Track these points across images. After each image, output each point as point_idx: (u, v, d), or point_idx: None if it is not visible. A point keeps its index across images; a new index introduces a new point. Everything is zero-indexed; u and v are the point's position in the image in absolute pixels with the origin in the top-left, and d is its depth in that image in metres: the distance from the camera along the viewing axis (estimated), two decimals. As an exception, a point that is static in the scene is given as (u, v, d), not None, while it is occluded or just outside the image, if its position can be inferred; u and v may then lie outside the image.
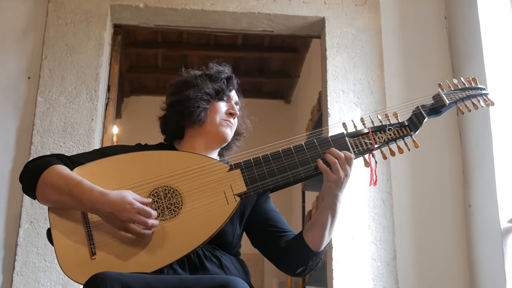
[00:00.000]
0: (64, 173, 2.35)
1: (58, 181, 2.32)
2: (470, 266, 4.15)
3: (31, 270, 3.83)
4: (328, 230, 2.44)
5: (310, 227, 2.46)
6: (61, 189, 2.30)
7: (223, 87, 2.65)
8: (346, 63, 4.49)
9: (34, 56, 4.30)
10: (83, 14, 4.41)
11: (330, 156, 2.37)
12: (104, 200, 2.26)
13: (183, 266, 2.34)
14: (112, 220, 2.27)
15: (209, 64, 2.74)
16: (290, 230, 2.56)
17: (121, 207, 2.24)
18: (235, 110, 2.65)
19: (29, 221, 3.91)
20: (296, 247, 2.47)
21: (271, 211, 2.62)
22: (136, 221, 2.25)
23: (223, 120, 2.61)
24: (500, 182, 3.89)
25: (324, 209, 2.43)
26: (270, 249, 2.55)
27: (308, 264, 2.47)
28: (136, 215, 2.25)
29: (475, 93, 2.62)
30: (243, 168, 2.41)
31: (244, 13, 4.57)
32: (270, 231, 2.55)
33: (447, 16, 4.69)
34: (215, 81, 2.65)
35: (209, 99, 2.60)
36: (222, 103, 2.64)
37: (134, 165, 2.42)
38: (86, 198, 2.27)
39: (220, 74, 2.67)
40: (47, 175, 2.35)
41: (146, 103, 8.98)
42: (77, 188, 2.29)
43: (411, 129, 2.49)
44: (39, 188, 2.35)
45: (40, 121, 4.11)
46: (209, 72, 2.69)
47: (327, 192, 2.41)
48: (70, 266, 2.28)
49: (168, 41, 7.95)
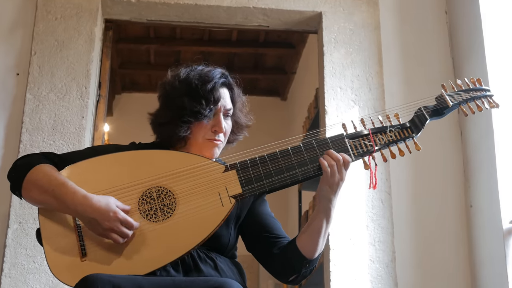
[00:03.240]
0: (50, 173, 2.34)
1: (42, 180, 2.32)
2: (471, 267, 4.16)
3: (20, 272, 3.82)
4: (322, 236, 2.43)
5: (303, 233, 2.46)
6: (45, 188, 2.30)
7: (203, 107, 2.46)
8: (343, 59, 4.49)
9: (23, 52, 4.29)
10: (74, 8, 4.39)
11: (329, 158, 2.37)
12: (86, 204, 2.25)
13: (177, 268, 2.33)
14: (94, 226, 2.26)
15: (197, 66, 2.58)
16: (284, 236, 2.55)
17: (104, 215, 2.24)
18: (221, 127, 2.52)
19: (18, 222, 3.90)
20: (289, 254, 2.46)
21: (267, 216, 2.60)
22: (117, 231, 2.25)
23: (207, 140, 2.51)
24: (502, 182, 3.89)
25: (318, 215, 2.43)
26: (264, 255, 2.55)
27: (301, 271, 2.46)
28: (119, 225, 2.25)
29: (479, 94, 2.59)
30: (239, 169, 2.40)
31: (238, 7, 4.56)
32: (264, 237, 2.54)
33: (447, 11, 4.70)
34: (195, 97, 2.47)
35: (188, 124, 2.47)
36: (204, 120, 2.49)
37: (127, 165, 2.41)
38: (69, 200, 2.27)
39: (203, 87, 2.48)
40: (33, 174, 2.34)
41: (138, 100, 8.97)
42: (60, 189, 2.28)
43: (412, 131, 2.48)
44: (25, 187, 2.35)
45: (29, 118, 4.10)
46: (191, 82, 2.50)
47: (321, 197, 2.41)
48: (60, 268, 2.28)
49: (160, 37, 7.93)
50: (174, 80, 2.54)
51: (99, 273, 2.13)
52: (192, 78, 2.51)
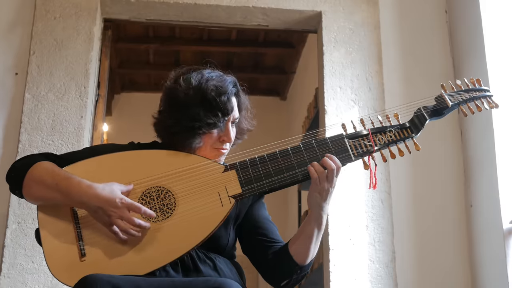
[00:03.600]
0: (51, 169, 2.35)
1: (44, 176, 2.32)
2: (471, 268, 4.16)
3: (19, 272, 3.82)
4: (314, 242, 2.44)
5: (295, 239, 2.46)
6: (48, 183, 2.30)
7: (218, 118, 2.44)
8: (343, 58, 4.49)
9: (22, 51, 4.28)
10: (72, 8, 4.39)
11: (317, 165, 2.36)
12: (91, 193, 2.25)
13: (176, 268, 2.34)
14: (100, 215, 2.26)
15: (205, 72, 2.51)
16: (279, 241, 2.55)
17: (110, 202, 2.24)
18: (229, 138, 2.50)
19: (16, 222, 3.90)
20: (281, 259, 2.47)
21: (264, 219, 2.61)
22: (124, 218, 2.24)
23: (215, 149, 2.49)
24: (502, 181, 3.89)
25: (310, 221, 2.43)
26: (257, 258, 2.56)
27: (292, 277, 2.47)
28: (125, 211, 2.25)
29: (479, 95, 2.60)
30: (238, 169, 2.40)
31: (238, 7, 4.56)
32: (259, 240, 2.55)
33: (447, 10, 4.70)
34: (211, 109, 2.43)
35: (201, 133, 2.45)
36: (216, 130, 2.47)
37: (126, 165, 2.42)
38: (74, 191, 2.27)
39: (218, 98, 2.43)
40: (34, 171, 2.35)
41: (137, 100, 8.96)
42: (64, 182, 2.29)
43: (412, 131, 2.49)
44: (26, 184, 2.35)
45: (28, 118, 4.10)
46: (206, 93, 2.43)
47: (312, 203, 2.41)
48: (59, 268, 2.28)
49: (160, 36, 7.92)
50: (188, 88, 2.44)
51: (98, 274, 2.13)
52: (206, 88, 2.44)
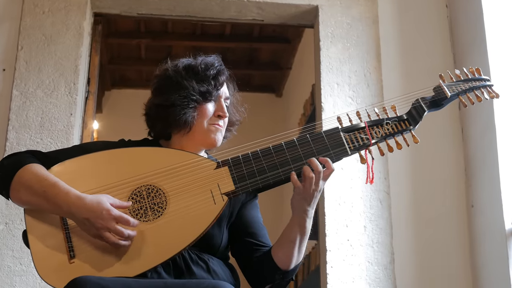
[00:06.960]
0: (40, 173, 2.33)
1: (32, 181, 2.30)
2: (473, 269, 4.16)
3: (6, 274, 3.81)
4: (297, 248, 2.42)
5: (278, 244, 2.45)
6: (35, 190, 2.28)
7: (211, 87, 2.53)
8: (340, 54, 4.49)
9: (9, 46, 4.28)
10: (62, 2, 4.39)
11: (308, 170, 2.33)
12: (80, 204, 2.23)
13: (168, 270, 2.33)
14: (87, 227, 2.24)
15: (196, 56, 2.63)
16: (267, 245, 2.54)
17: (96, 213, 2.21)
18: (224, 112, 2.56)
19: (4, 222, 3.89)
20: (264, 263, 2.46)
21: (254, 221, 2.59)
22: (112, 230, 2.23)
23: (211, 124, 2.53)
24: (504, 181, 3.89)
25: (293, 225, 2.41)
26: (243, 260, 2.55)
27: (275, 282, 2.46)
28: (113, 223, 2.22)
29: (478, 84, 2.59)
30: (231, 165, 2.39)
31: (232, 1, 4.56)
32: (247, 242, 2.54)
33: (448, 4, 4.70)
34: (202, 80, 2.52)
35: (195, 104, 2.50)
36: (210, 104, 2.54)
37: (116, 163, 2.41)
38: (62, 201, 2.25)
39: (208, 71, 2.54)
40: (22, 174, 2.33)
41: (129, 96, 8.96)
42: (52, 190, 2.27)
43: (410, 123, 2.47)
44: (13, 188, 2.33)
45: (16, 116, 4.09)
46: (196, 67, 2.55)
47: (295, 207, 2.39)
48: (48, 270, 2.27)
49: (151, 31, 7.92)
50: (176, 66, 2.57)
51: (88, 276, 2.13)
52: (195, 64, 2.56)
